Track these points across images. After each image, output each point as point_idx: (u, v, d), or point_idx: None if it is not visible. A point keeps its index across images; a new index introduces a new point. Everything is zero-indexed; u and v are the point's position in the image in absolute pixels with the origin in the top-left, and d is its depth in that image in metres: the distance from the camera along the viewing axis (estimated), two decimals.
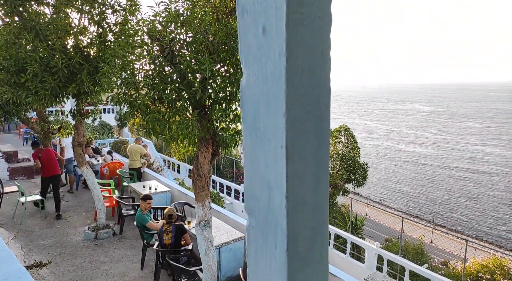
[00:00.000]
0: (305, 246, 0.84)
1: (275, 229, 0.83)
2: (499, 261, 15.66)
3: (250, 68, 0.81)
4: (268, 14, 0.74)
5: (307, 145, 0.80)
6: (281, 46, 0.73)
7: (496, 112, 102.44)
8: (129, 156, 10.27)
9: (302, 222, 0.82)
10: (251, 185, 0.87)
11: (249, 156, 0.86)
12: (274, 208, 0.82)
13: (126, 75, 4.18)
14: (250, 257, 0.92)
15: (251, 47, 0.80)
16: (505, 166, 46.12)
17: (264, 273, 0.88)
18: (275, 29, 0.74)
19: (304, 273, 0.85)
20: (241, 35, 0.82)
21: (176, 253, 5.58)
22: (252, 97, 0.82)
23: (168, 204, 8.47)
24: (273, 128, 0.78)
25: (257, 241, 0.89)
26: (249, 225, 0.91)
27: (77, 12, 6.07)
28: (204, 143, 4.41)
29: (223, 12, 4.46)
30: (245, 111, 0.85)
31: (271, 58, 0.76)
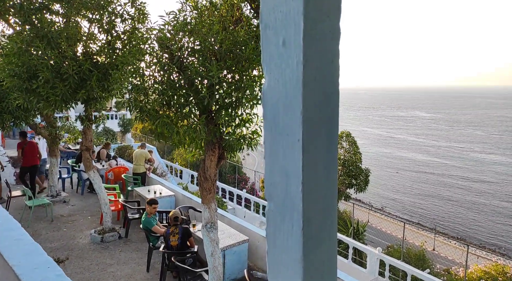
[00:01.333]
0: (317, 227, 0.99)
1: (291, 211, 0.98)
2: (501, 267, 15.64)
3: (271, 74, 0.97)
4: (288, 29, 0.90)
5: (319, 139, 0.95)
6: (298, 56, 0.88)
7: (498, 120, 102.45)
8: (134, 161, 10.41)
9: (315, 205, 0.97)
10: (271, 174, 1.02)
11: (269, 149, 1.02)
12: (291, 193, 0.96)
13: (136, 82, 4.34)
14: (269, 237, 1.07)
15: (272, 56, 0.96)
16: (506, 174, 46.03)
17: (282, 250, 1.02)
18: (293, 42, 0.89)
19: (317, 250, 0.99)
20: (263, 46, 0.98)
21: (182, 255, 5.70)
22: (273, 98, 0.98)
23: (172, 208, 8.59)
24: (291, 125, 0.93)
25: (276, 223, 1.04)
26: (268, 209, 1.06)
27: (87, 21, 6.27)
28: (211, 147, 4.56)
29: (230, 21, 4.65)
30: (266, 110, 1.00)
31: (289, 66, 0.91)
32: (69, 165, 11.87)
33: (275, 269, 1.09)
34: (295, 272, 1.00)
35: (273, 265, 1.09)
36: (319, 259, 1.03)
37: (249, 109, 4.53)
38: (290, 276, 1.03)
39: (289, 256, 1.02)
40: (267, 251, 1.11)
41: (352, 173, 8.90)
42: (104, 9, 6.15)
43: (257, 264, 6.53)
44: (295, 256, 0.99)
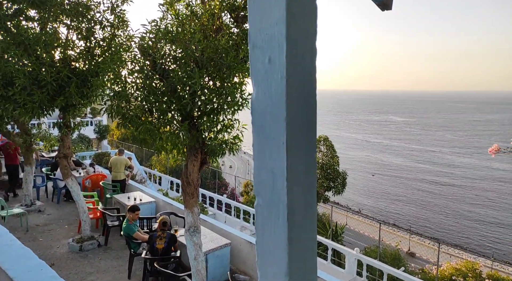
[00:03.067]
0: (300, 217, 1.15)
1: (278, 205, 1.14)
2: (471, 264, 16.44)
3: (259, 87, 1.13)
4: (273, 49, 1.07)
5: (300, 141, 1.12)
6: (282, 72, 1.05)
7: (466, 123, 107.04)
8: (113, 168, 10.29)
9: (297, 198, 1.13)
10: (259, 173, 1.18)
11: (257, 151, 1.18)
12: (277, 189, 1.13)
13: (118, 89, 4.40)
14: (258, 229, 1.22)
15: (259, 71, 1.12)
16: (471, 178, 47.98)
17: (269, 240, 1.18)
18: (278, 60, 1.06)
19: (300, 237, 1.16)
20: (252, 63, 1.14)
21: (165, 260, 5.73)
22: (260, 107, 1.14)
23: (153, 214, 8.56)
24: (276, 130, 1.10)
25: (264, 215, 1.20)
26: (257, 204, 1.21)
27: (65, 27, 6.25)
28: (194, 152, 4.66)
29: (211, 29, 4.80)
30: (255, 117, 1.16)
31: (275, 80, 1.08)
32: (44, 173, 11.57)
33: (264, 256, 1.25)
34: (281, 257, 1.17)
35: (262, 253, 1.25)
36: (302, 245, 1.20)
37: (231, 115, 4.67)
38: (277, 261, 1.19)
39: (276, 244, 1.18)
40: (256, 241, 1.27)
41: (330, 175, 9.16)
42: (83, 15, 6.16)
43: (239, 268, 6.62)
44: (281, 243, 1.16)
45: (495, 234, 30.62)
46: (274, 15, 1.04)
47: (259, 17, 1.09)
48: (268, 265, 1.23)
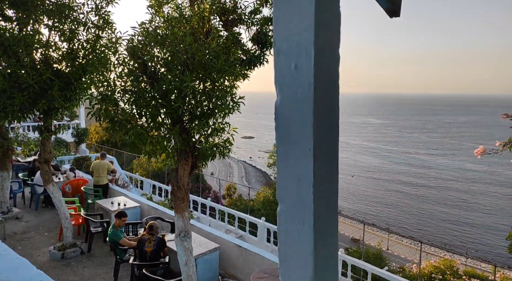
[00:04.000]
0: (324, 223, 1.16)
1: (303, 211, 1.14)
2: (449, 262, 16.99)
3: (283, 92, 1.14)
4: (300, 56, 1.07)
5: (325, 147, 1.13)
6: (309, 79, 1.06)
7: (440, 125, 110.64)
8: (95, 173, 10.02)
9: (322, 204, 1.14)
10: (283, 178, 1.18)
11: (281, 157, 1.18)
12: (303, 195, 1.13)
13: (107, 92, 4.30)
14: (280, 234, 1.22)
15: (284, 78, 1.13)
16: (442, 179, 49.53)
17: (293, 246, 1.18)
18: (305, 66, 1.06)
19: (324, 243, 1.16)
20: (276, 69, 1.14)
21: (154, 265, 5.62)
22: (285, 113, 1.14)
23: (138, 219, 8.39)
24: (302, 136, 1.10)
25: (287, 221, 1.20)
26: (280, 210, 1.21)
27: (47, 28, 6.06)
28: (184, 156, 4.61)
29: (201, 33, 4.77)
30: (279, 123, 1.16)
31: (301, 86, 1.08)
32: (21, 178, 11.14)
33: (286, 263, 1.24)
34: (307, 263, 1.17)
35: (285, 259, 1.25)
36: (326, 250, 1.20)
37: (221, 119, 4.65)
38: (302, 268, 1.19)
39: (300, 250, 1.18)
40: (278, 247, 1.26)
41: None
42: (66, 16, 5.99)
43: (228, 272, 6.58)
44: (307, 249, 1.16)
45: (468, 234, 31.71)
46: (302, 22, 1.05)
47: (285, 24, 1.09)
48: (291, 271, 1.22)
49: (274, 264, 5.85)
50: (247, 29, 5.26)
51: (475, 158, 61.95)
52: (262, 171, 56.70)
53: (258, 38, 5.13)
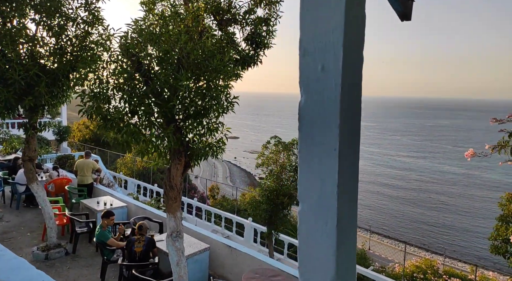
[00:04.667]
0: (346, 222, 1.17)
1: (326, 211, 1.15)
2: (429, 261, 17.43)
3: (308, 93, 1.14)
4: (327, 56, 1.07)
5: (350, 148, 1.14)
6: (337, 80, 1.07)
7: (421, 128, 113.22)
8: (79, 172, 9.79)
9: (345, 204, 1.15)
10: (305, 179, 1.18)
11: (304, 157, 1.18)
12: (326, 195, 1.14)
13: (99, 89, 4.21)
14: (301, 235, 1.23)
15: (310, 79, 1.13)
16: (421, 181, 50.58)
17: (315, 245, 1.18)
18: (332, 67, 1.07)
19: (346, 242, 1.17)
20: (301, 70, 1.15)
21: (143, 266, 5.54)
22: (309, 114, 1.15)
23: (125, 220, 8.25)
24: (327, 136, 1.11)
25: (309, 221, 1.20)
26: (301, 210, 1.22)
27: (34, 23, 5.88)
28: (177, 155, 4.56)
29: (195, 31, 4.73)
30: (302, 124, 1.17)
31: (328, 87, 1.09)
32: (1, 177, 10.77)
33: (307, 263, 1.25)
34: (329, 264, 1.17)
35: (305, 260, 1.25)
36: (347, 250, 1.21)
37: (215, 118, 4.62)
38: (323, 267, 1.19)
39: (322, 251, 1.18)
40: (298, 248, 1.26)
41: None
42: (55, 11, 5.83)
43: (217, 272, 6.54)
44: (329, 249, 1.16)
45: (446, 235, 32.52)
46: (331, 22, 1.05)
47: (313, 24, 1.10)
48: (312, 270, 1.23)
49: (264, 264, 5.85)
50: (241, 29, 5.25)
51: (454, 161, 63.53)
52: (247, 171, 56.65)
53: (252, 38, 5.13)
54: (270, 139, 9.94)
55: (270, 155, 9.73)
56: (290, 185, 9.32)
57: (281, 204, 9.38)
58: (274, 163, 9.57)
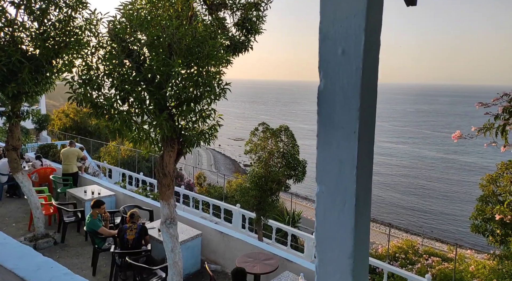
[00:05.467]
0: (363, 203, 1.21)
1: (344, 192, 1.19)
2: (410, 242, 18.12)
3: (328, 78, 1.16)
4: (348, 41, 1.09)
5: (368, 130, 1.17)
6: (358, 64, 1.09)
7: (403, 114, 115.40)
8: (64, 160, 9.58)
9: (362, 185, 1.19)
10: (323, 161, 1.22)
11: (322, 140, 1.21)
12: (344, 177, 1.17)
13: (89, 76, 4.11)
14: (318, 216, 1.27)
15: (330, 63, 1.15)
16: (405, 167, 51.77)
17: (333, 226, 1.23)
18: (353, 52, 1.09)
19: (363, 222, 1.22)
20: (321, 54, 1.17)
21: (136, 253, 5.54)
22: (328, 98, 1.17)
23: (113, 208, 8.18)
24: (347, 120, 1.14)
25: (326, 203, 1.24)
26: (319, 191, 1.26)
27: (13, 7, 5.63)
28: (170, 143, 4.53)
29: (185, 16, 4.64)
30: (321, 107, 1.19)
31: (348, 72, 1.11)
32: None
33: (325, 242, 1.29)
34: (347, 242, 1.22)
35: (322, 238, 1.30)
36: (363, 227, 1.26)
37: (208, 105, 4.60)
38: (341, 245, 1.24)
39: (340, 230, 1.23)
40: (315, 227, 1.30)
41: (291, 164, 9.45)
42: None
43: (209, 257, 6.62)
44: (347, 229, 1.21)
45: (425, 218, 33.70)
46: (352, 7, 1.07)
47: (333, 9, 1.11)
48: (329, 250, 1.28)
49: (256, 248, 5.96)
50: (231, 14, 5.18)
51: (433, 146, 65.00)
52: (232, 159, 56.70)
53: (243, 24, 5.08)
54: (258, 126, 9.97)
55: (258, 141, 9.79)
56: (278, 171, 9.43)
57: (270, 190, 9.50)
58: (262, 150, 9.64)
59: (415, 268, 13.94)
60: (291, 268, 5.48)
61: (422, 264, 15.09)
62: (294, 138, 9.89)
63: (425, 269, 13.50)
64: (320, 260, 1.28)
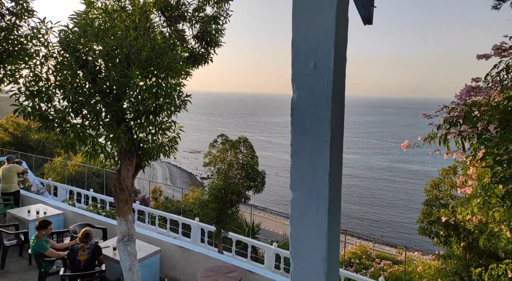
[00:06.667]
0: (334, 207, 1.28)
1: (317, 197, 1.25)
2: (363, 247, 18.89)
3: (300, 89, 1.23)
4: (319, 55, 1.17)
5: (339, 139, 1.25)
6: (329, 77, 1.17)
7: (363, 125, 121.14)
8: (2, 179, 8.81)
9: (334, 190, 1.26)
10: (298, 169, 1.28)
11: (296, 149, 1.27)
12: (318, 183, 1.24)
13: (37, 87, 3.88)
14: (293, 221, 1.32)
15: (302, 76, 1.22)
16: (353, 176, 54.13)
17: (307, 230, 1.28)
18: (324, 65, 1.17)
19: (335, 225, 1.28)
20: (294, 67, 1.24)
21: (89, 275, 5.21)
22: (301, 108, 1.24)
23: (61, 228, 7.64)
24: (319, 129, 1.21)
25: (301, 208, 1.30)
26: (293, 198, 1.31)
27: None
28: (128, 156, 4.38)
29: (143, 28, 4.58)
30: (295, 117, 1.26)
31: (320, 83, 1.19)
32: None
33: (299, 246, 1.35)
34: (321, 245, 1.28)
35: (297, 243, 1.35)
36: (335, 230, 1.33)
37: (167, 117, 4.53)
38: (315, 249, 1.30)
39: (314, 234, 1.29)
40: (290, 233, 1.35)
41: (250, 175, 9.50)
42: None
43: (169, 274, 6.40)
44: (321, 232, 1.27)
45: (373, 226, 35.43)
46: (322, 24, 1.16)
47: (305, 26, 1.19)
48: (304, 254, 1.33)
49: (218, 262, 5.87)
50: (190, 27, 5.20)
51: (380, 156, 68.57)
52: (188, 172, 55.59)
53: (202, 36, 5.11)
54: (217, 137, 9.93)
55: (217, 153, 9.73)
56: (238, 183, 9.43)
57: (230, 202, 9.45)
58: (222, 161, 9.59)
59: (369, 272, 14.53)
60: (254, 280, 5.47)
61: (375, 268, 15.75)
62: (253, 150, 9.98)
63: (378, 272, 14.11)
64: (295, 265, 1.33)
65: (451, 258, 7.76)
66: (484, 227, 6.41)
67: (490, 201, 3.03)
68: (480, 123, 3.30)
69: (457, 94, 3.85)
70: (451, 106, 4.00)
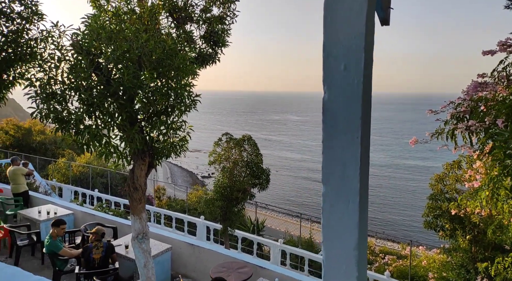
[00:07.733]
0: (364, 200, 1.37)
1: (348, 192, 1.34)
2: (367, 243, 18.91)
3: (332, 90, 1.32)
4: (349, 58, 1.26)
5: (366, 136, 1.34)
6: (359, 78, 1.26)
7: None
8: (11, 181, 8.91)
9: (363, 184, 1.35)
10: (328, 164, 1.37)
11: (327, 145, 1.36)
12: (349, 178, 1.33)
13: (53, 89, 3.96)
14: (324, 214, 1.41)
15: (333, 77, 1.31)
16: None
17: (338, 222, 1.37)
18: (354, 68, 1.26)
19: (363, 218, 1.37)
20: (325, 70, 1.32)
21: (103, 273, 5.31)
22: (333, 107, 1.33)
23: (71, 228, 7.74)
24: (350, 126, 1.30)
25: (331, 202, 1.39)
26: (325, 192, 1.40)
27: None
28: (141, 156, 4.47)
29: (153, 30, 4.66)
30: (326, 116, 1.35)
31: (350, 85, 1.27)
32: None
33: (330, 238, 1.44)
34: (352, 236, 1.37)
35: (328, 235, 1.44)
36: (365, 224, 1.43)
37: (178, 117, 4.61)
38: (346, 241, 1.39)
39: (346, 225, 1.38)
40: (322, 224, 1.44)
41: (255, 173, 9.59)
42: None
43: (180, 271, 6.50)
44: (353, 223, 1.37)
45: (374, 227, 35.69)
46: (353, 29, 1.25)
47: (336, 30, 1.28)
48: (334, 245, 1.42)
49: (229, 258, 5.98)
50: (197, 28, 5.27)
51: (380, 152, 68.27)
52: (189, 171, 55.69)
53: (210, 37, 5.19)
54: (222, 136, 10.03)
55: (222, 152, 9.83)
56: (243, 180, 9.52)
57: (235, 199, 9.55)
58: (226, 160, 9.69)
59: (373, 267, 14.64)
60: (264, 275, 5.57)
61: (380, 263, 15.84)
62: (257, 148, 10.07)
63: (383, 267, 14.22)
64: (326, 255, 1.42)
65: (457, 251, 7.85)
66: (489, 220, 6.50)
67: (499, 192, 3.12)
68: (487, 118, 3.37)
69: (464, 90, 3.91)
70: (457, 102, 4.06)
